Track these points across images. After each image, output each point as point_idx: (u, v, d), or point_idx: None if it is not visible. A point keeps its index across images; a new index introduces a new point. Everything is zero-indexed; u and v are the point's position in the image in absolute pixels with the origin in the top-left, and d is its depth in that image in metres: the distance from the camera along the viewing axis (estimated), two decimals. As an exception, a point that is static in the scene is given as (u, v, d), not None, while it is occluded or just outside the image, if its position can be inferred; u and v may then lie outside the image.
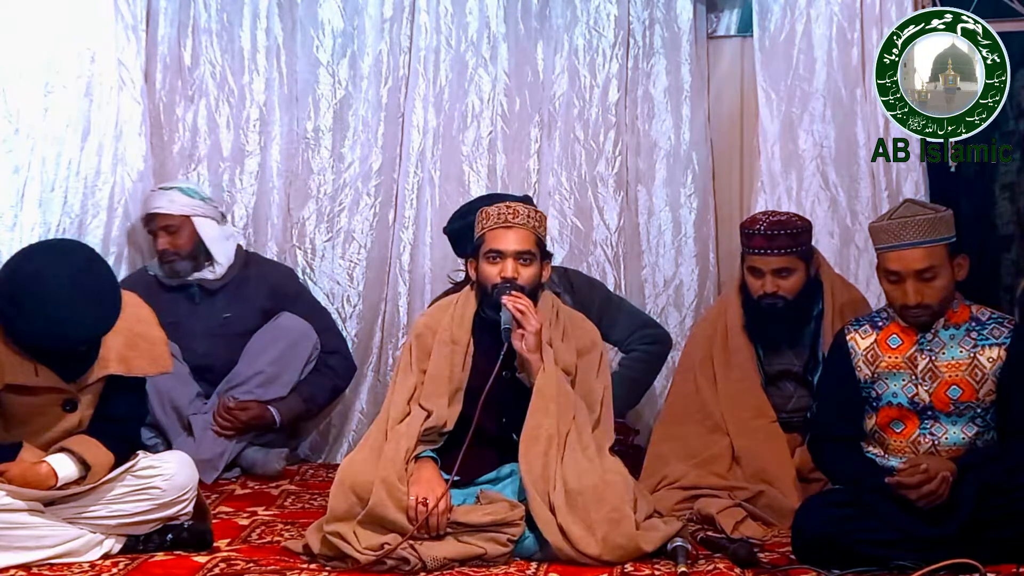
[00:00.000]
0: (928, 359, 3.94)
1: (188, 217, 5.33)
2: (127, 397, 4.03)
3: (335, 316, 5.68)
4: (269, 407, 5.23)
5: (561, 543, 3.85)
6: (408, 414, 4.10)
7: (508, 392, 4.06)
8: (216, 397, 5.25)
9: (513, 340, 4.04)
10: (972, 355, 3.92)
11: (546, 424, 4.00)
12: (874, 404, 4.00)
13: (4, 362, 3.80)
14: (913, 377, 3.94)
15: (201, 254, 5.35)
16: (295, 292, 5.48)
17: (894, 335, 4.00)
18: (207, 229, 5.36)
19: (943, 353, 3.94)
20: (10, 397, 3.84)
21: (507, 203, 4.25)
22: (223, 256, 5.35)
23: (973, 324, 3.96)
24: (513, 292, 4.08)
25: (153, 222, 5.34)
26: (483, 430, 4.06)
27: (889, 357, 3.98)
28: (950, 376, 3.92)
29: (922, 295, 3.90)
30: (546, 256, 4.24)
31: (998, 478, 3.79)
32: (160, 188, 5.40)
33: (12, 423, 3.89)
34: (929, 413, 3.93)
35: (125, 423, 4.04)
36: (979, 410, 3.92)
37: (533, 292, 4.15)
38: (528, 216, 4.19)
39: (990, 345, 3.92)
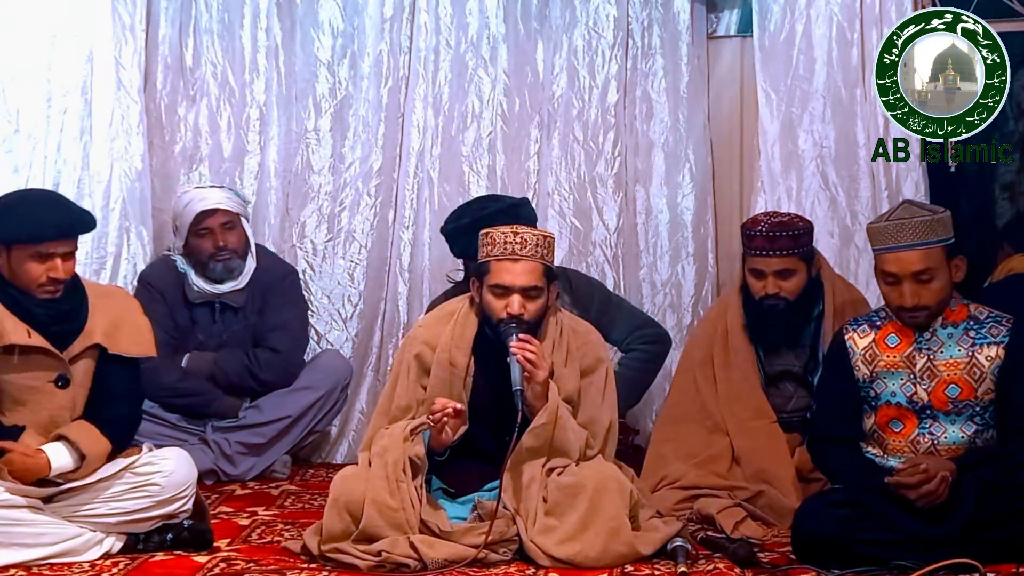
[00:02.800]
0: (926, 358, 3.94)
1: (239, 216, 5.27)
2: (120, 374, 4.03)
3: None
4: (184, 356, 5.18)
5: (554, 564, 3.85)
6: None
7: (508, 412, 3.95)
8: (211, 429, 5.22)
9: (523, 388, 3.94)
10: (970, 354, 3.91)
11: (530, 467, 3.97)
12: (873, 404, 4.00)
13: (0, 325, 3.84)
14: (911, 376, 3.94)
15: (248, 255, 5.27)
16: (280, 292, 5.33)
17: (892, 334, 4.00)
18: (248, 230, 5.31)
19: (941, 352, 3.93)
20: (3, 364, 3.86)
21: (514, 229, 4.07)
22: (251, 260, 5.28)
23: (971, 323, 3.95)
24: (521, 336, 3.96)
25: (208, 220, 5.16)
26: (483, 446, 4.06)
27: (887, 356, 3.98)
28: (948, 375, 3.92)
29: (919, 297, 3.88)
30: (553, 279, 4.12)
31: (998, 478, 3.79)
32: (198, 187, 5.30)
33: (5, 401, 3.91)
34: (928, 412, 3.93)
35: (121, 402, 4.04)
36: (978, 408, 3.92)
37: (540, 321, 4.08)
38: (536, 245, 4.03)
39: (988, 344, 3.91)
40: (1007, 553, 3.74)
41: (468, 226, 4.87)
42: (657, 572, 3.82)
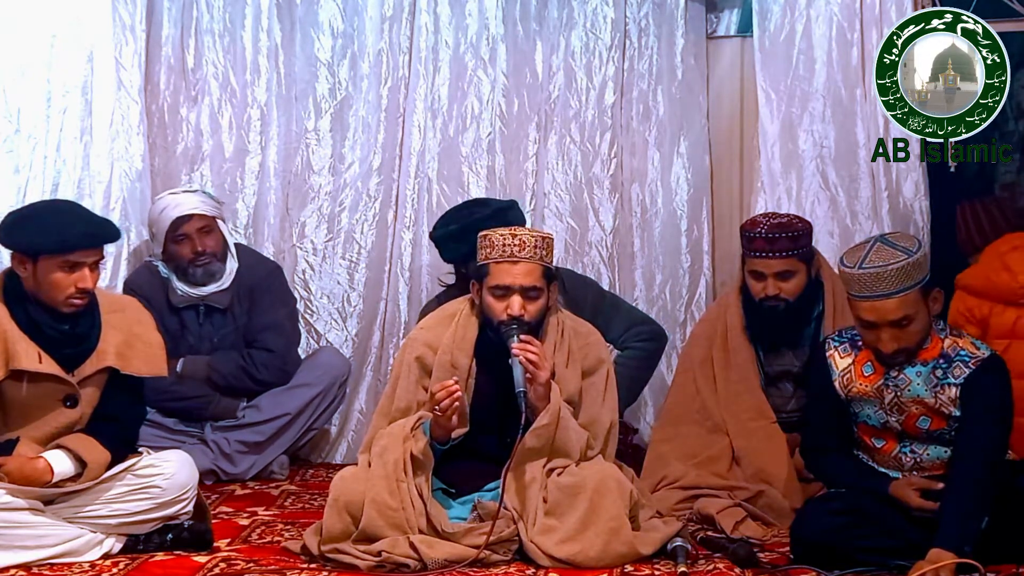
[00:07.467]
0: (894, 394, 3.86)
1: (215, 219, 5.27)
2: (125, 396, 4.05)
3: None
4: (179, 360, 5.15)
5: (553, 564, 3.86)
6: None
7: (510, 413, 3.95)
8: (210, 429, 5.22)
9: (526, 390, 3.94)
10: (934, 394, 3.82)
11: (531, 468, 3.97)
12: (854, 419, 3.97)
13: (12, 347, 3.83)
14: (882, 407, 3.89)
15: (227, 257, 5.28)
16: (267, 290, 5.33)
17: (868, 362, 3.91)
18: (226, 231, 5.32)
19: (907, 390, 3.84)
20: (13, 387, 3.87)
21: (512, 230, 4.07)
22: (232, 261, 5.29)
23: (941, 361, 3.82)
24: (523, 337, 3.96)
25: (184, 226, 5.17)
26: (484, 447, 4.06)
27: (860, 384, 3.91)
28: (916, 410, 3.84)
29: (898, 341, 3.77)
30: (553, 280, 4.12)
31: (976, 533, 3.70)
32: (172, 193, 5.29)
33: (12, 416, 3.92)
34: (905, 436, 3.90)
35: (123, 422, 4.05)
36: (953, 431, 3.84)
37: (540, 322, 4.08)
38: (535, 247, 4.03)
39: (949, 385, 3.80)
40: (1007, 553, 3.74)
41: (457, 232, 4.88)
42: (657, 572, 3.82)
